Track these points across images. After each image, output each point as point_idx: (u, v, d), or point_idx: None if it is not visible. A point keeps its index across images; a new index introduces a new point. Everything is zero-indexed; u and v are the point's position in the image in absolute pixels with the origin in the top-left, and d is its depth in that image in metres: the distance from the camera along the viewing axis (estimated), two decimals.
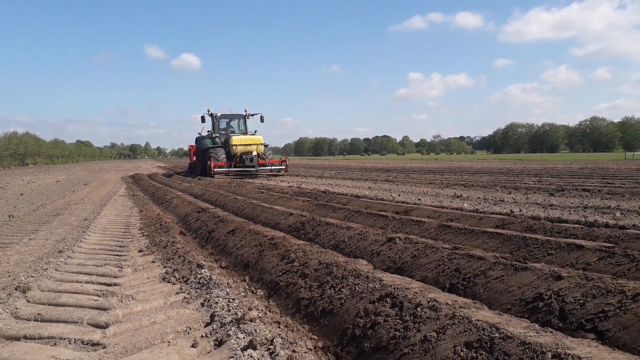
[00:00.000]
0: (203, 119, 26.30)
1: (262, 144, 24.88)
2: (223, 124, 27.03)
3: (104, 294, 4.28)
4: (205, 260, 5.50)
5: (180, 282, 4.54)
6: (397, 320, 3.02)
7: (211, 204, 11.41)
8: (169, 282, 4.61)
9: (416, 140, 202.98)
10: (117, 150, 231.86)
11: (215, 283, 4.30)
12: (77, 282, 4.73)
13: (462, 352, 2.47)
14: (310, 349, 2.92)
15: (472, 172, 24.59)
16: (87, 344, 3.18)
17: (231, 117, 27.45)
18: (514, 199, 10.18)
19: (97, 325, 3.53)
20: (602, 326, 2.82)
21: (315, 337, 3.36)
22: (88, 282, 4.70)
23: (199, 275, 4.61)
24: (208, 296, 3.94)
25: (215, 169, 23.02)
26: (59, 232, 7.85)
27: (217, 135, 26.08)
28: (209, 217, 8.53)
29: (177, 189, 16.64)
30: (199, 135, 27.73)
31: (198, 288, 4.27)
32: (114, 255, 6.07)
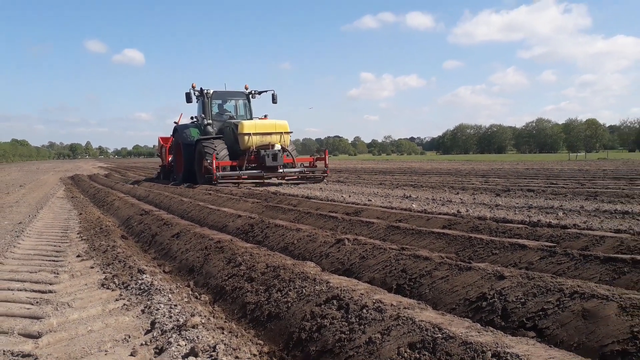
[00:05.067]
0: (188, 98, 18.33)
1: (287, 132, 17.08)
2: (214, 107, 19.13)
3: (37, 302, 4.12)
4: (147, 265, 5.38)
5: (120, 289, 4.42)
6: (343, 323, 3.04)
7: (155, 206, 11.18)
8: (108, 288, 4.48)
9: (368, 140, 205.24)
10: (56, 149, 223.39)
11: (157, 289, 4.21)
12: (9, 289, 4.53)
13: (405, 353, 2.51)
14: (255, 355, 2.90)
15: (422, 172, 25.07)
16: (17, 355, 3.05)
17: (228, 96, 19.52)
18: (461, 199, 10.42)
19: (29, 335, 3.39)
20: (541, 324, 2.93)
21: (260, 342, 3.34)
22: (21, 290, 4.52)
23: (140, 281, 4.50)
24: (149, 302, 3.85)
25: (219, 172, 15.48)
26: None
27: (211, 122, 18.27)
28: (152, 220, 8.35)
29: (120, 191, 16.22)
30: (176, 124, 20.17)
31: (139, 294, 4.17)
32: (50, 260, 5.85)
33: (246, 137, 16.22)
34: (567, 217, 7.31)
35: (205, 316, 3.52)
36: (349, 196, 11.71)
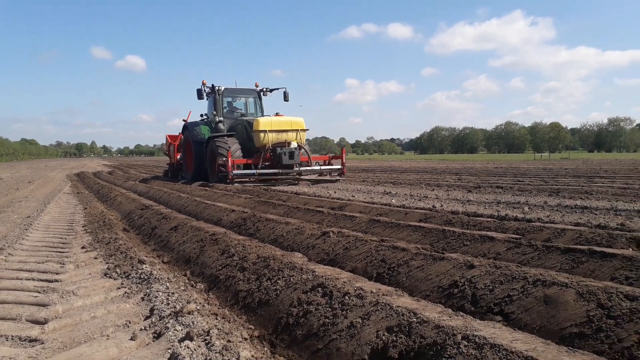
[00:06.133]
0: (200, 95, 16.46)
1: (303, 129, 15.24)
2: (224, 104, 17.19)
3: (44, 290, 4.06)
4: (147, 256, 5.33)
5: (122, 278, 4.38)
6: (327, 309, 3.05)
7: (155, 201, 11.08)
8: (110, 277, 4.43)
9: (352, 141, 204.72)
10: (63, 148, 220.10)
11: (155, 278, 4.18)
12: (18, 279, 4.47)
13: (383, 336, 2.52)
14: (246, 338, 2.89)
15: (401, 170, 25.13)
16: (24, 340, 3.01)
17: (239, 93, 17.74)
18: (436, 195, 10.45)
19: (36, 322, 3.35)
20: (507, 309, 2.96)
21: (252, 326, 3.34)
22: (29, 279, 4.46)
23: (140, 271, 4.46)
24: (148, 290, 3.81)
25: (235, 171, 13.76)
26: (0, 230, 7.39)
27: (222, 119, 16.49)
28: (152, 214, 8.28)
29: (122, 187, 16.07)
30: (185, 121, 18.06)
31: (139, 283, 4.13)
32: (56, 252, 5.78)
33: (262, 135, 14.44)
34: (532, 211, 7.36)
35: (200, 303, 3.50)
36: (334, 192, 11.70)
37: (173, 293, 3.71)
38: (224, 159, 13.91)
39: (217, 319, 3.18)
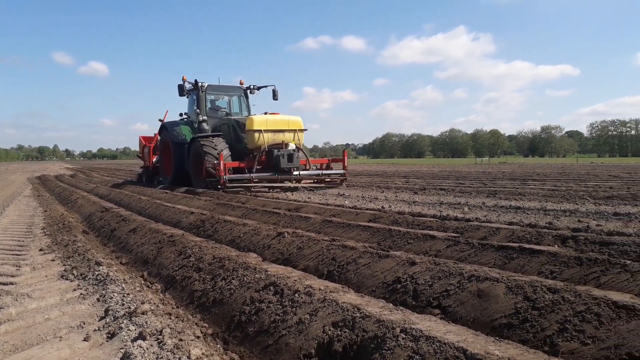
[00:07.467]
0: (181, 91, 14.08)
1: (301, 129, 13.22)
2: (207, 102, 14.81)
3: None
4: (104, 258, 5.13)
5: (78, 279, 4.19)
6: (278, 306, 3.02)
7: (115, 204, 10.71)
8: (67, 279, 4.24)
9: (310, 146, 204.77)
10: (25, 152, 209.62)
11: (112, 279, 4.02)
12: None
13: (329, 331, 2.52)
14: (199, 336, 2.82)
15: (354, 174, 25.25)
16: None
17: (224, 90, 15.34)
18: (385, 197, 10.56)
19: None
20: (445, 303, 3.02)
21: (206, 325, 3.27)
22: None
23: (97, 272, 4.28)
24: (104, 292, 3.67)
25: (229, 176, 11.76)
26: None
27: (205, 118, 14.24)
28: (112, 217, 8.00)
29: (83, 190, 15.47)
30: (161, 121, 15.74)
31: (95, 284, 3.97)
32: (13, 254, 5.49)
33: (256, 135, 12.28)
34: (471, 211, 7.52)
35: (155, 303, 3.39)
36: (292, 194, 11.64)
37: (128, 294, 3.59)
38: (215, 162, 11.92)
39: (170, 318, 3.09)
